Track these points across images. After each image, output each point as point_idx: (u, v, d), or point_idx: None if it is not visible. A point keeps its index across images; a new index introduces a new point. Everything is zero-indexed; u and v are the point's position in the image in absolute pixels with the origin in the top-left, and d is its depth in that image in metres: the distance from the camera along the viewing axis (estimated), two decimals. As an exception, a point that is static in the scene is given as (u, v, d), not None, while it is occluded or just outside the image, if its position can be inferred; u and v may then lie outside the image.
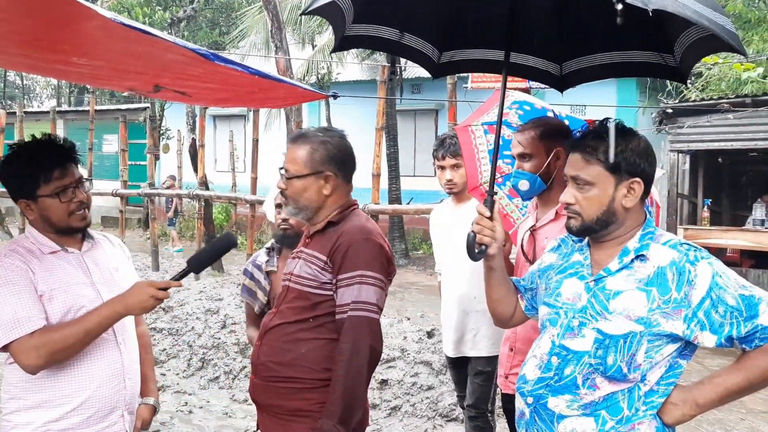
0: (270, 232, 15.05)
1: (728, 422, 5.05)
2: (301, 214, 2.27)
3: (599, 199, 1.82)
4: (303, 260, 2.23)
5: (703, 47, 2.09)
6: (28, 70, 2.63)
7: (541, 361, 1.89)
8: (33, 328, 2.00)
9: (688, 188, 9.42)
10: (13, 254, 2.08)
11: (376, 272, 2.14)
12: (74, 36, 1.90)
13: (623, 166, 1.80)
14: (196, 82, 2.41)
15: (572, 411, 1.81)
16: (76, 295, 2.11)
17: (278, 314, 2.26)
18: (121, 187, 9.75)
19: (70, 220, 2.15)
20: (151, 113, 10.32)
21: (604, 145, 1.80)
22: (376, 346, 2.13)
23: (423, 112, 15.07)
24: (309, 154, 2.21)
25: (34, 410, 2.07)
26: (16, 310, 1.99)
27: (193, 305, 6.64)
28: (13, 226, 13.67)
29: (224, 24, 18.81)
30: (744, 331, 1.68)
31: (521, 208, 3.08)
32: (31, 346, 1.98)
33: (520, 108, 2.97)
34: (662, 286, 1.75)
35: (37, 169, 2.10)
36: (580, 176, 1.83)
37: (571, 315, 1.86)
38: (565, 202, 1.87)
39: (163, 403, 5.17)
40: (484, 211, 2.06)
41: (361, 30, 2.42)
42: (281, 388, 2.19)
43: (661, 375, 1.78)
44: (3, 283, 2.02)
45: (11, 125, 12.48)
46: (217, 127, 17.81)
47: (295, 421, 2.17)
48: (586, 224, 1.84)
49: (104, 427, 2.15)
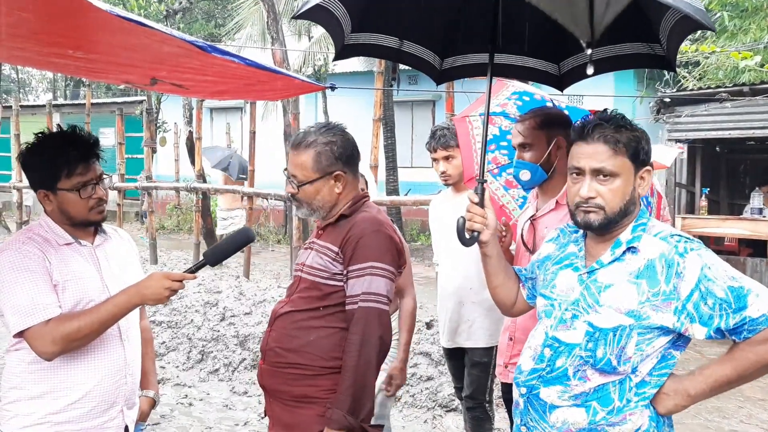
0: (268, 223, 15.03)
1: (727, 410, 5.07)
2: (317, 214, 2.29)
3: (623, 190, 1.79)
4: (315, 251, 2.25)
5: (680, 30, 2.14)
6: (24, 63, 2.62)
7: (535, 353, 1.91)
8: (50, 315, 2.00)
9: (686, 177, 9.41)
10: (30, 242, 2.08)
11: (386, 264, 2.16)
12: (70, 29, 1.89)
13: (641, 154, 1.81)
14: (194, 74, 2.40)
15: (563, 402, 1.83)
16: (86, 288, 2.12)
17: (289, 303, 2.29)
18: (118, 180, 9.74)
19: (88, 215, 2.16)
20: (147, 106, 10.28)
21: (626, 134, 1.79)
22: (386, 337, 2.16)
23: (420, 103, 15.04)
24: (315, 159, 2.22)
25: (35, 401, 2.07)
26: (33, 297, 2.00)
27: (192, 298, 6.64)
28: (10, 221, 13.64)
29: (220, 16, 18.72)
30: (733, 323, 1.67)
31: (517, 199, 3.08)
32: (47, 333, 1.99)
33: (519, 99, 2.98)
34: (652, 279, 1.74)
35: (62, 162, 2.09)
36: (606, 168, 1.78)
37: (565, 307, 1.87)
38: (586, 197, 1.80)
39: (163, 396, 5.20)
40: (474, 198, 2.09)
41: (361, 39, 2.47)
42: (288, 374, 2.21)
43: (653, 366, 1.78)
44: (22, 270, 2.02)
45: (7, 119, 12.43)
46: (213, 119, 17.77)
47: (301, 407, 2.20)
48: (608, 217, 1.80)
49: (104, 422, 2.15)
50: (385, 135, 11.76)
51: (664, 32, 2.19)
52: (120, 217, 9.81)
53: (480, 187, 2.14)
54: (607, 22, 1.16)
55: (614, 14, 1.12)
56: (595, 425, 1.78)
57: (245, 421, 4.76)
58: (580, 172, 1.82)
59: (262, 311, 6.16)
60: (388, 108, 11.80)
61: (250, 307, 6.34)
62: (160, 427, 4.65)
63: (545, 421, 1.86)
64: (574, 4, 1.10)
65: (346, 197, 2.28)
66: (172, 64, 2.29)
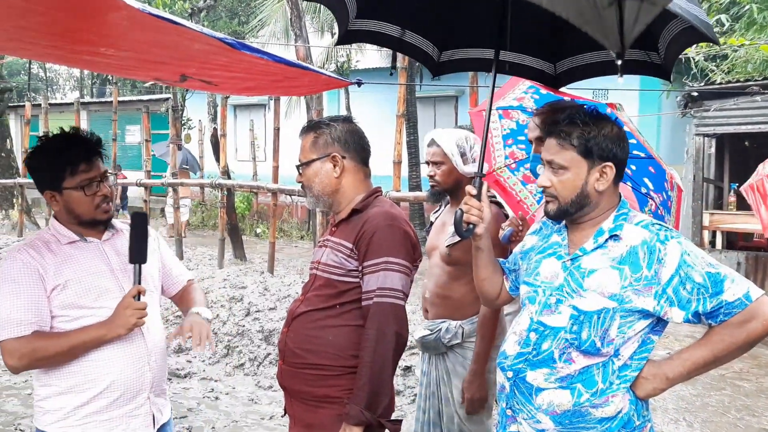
0: (291, 219, 15.10)
1: (756, 408, 5.00)
2: (320, 202, 2.30)
3: (573, 183, 1.88)
4: (330, 248, 2.25)
5: (682, 41, 2.15)
6: (56, 61, 2.67)
7: (520, 337, 1.97)
8: (21, 333, 2.07)
9: (713, 172, 9.27)
10: (27, 250, 2.14)
11: (401, 258, 2.15)
12: (102, 26, 1.92)
13: (595, 150, 1.86)
14: (222, 71, 2.43)
15: (549, 384, 1.89)
16: (92, 283, 2.17)
17: (305, 301, 2.28)
18: (144, 177, 9.85)
19: (95, 213, 2.20)
20: (173, 103, 10.36)
21: (577, 130, 1.86)
22: (402, 332, 2.14)
23: (443, 99, 14.98)
24: (313, 141, 2.28)
25: (64, 395, 2.14)
26: (11, 311, 2.07)
27: (217, 293, 6.71)
28: (39, 217, 13.89)
29: (243, 13, 18.83)
30: (710, 307, 1.76)
31: (535, 194, 3.06)
32: (15, 349, 2.06)
33: (536, 92, 2.95)
34: (634, 265, 1.82)
35: (65, 161, 2.14)
36: (555, 160, 1.89)
37: (549, 293, 1.94)
38: (541, 186, 1.94)
39: (189, 390, 5.27)
40: (471, 191, 2.12)
41: (363, 25, 2.46)
42: (309, 375, 2.21)
43: (635, 350, 1.86)
44: (7, 281, 2.09)
45: (36, 117, 12.64)
46: (237, 116, 17.88)
47: (322, 407, 2.19)
48: (562, 207, 1.91)
49: (131, 410, 2.21)
50: (408, 131, 11.75)
51: (664, 41, 2.21)
52: (146, 213, 9.91)
53: (478, 180, 2.17)
54: (636, 34, 1.17)
55: (644, 25, 1.13)
56: (580, 407, 1.86)
57: (270, 415, 4.81)
58: (544, 164, 1.94)
59: (287, 306, 6.20)
60: (411, 104, 11.77)
61: (274, 303, 6.39)
62: (188, 420, 4.71)
63: (531, 404, 1.92)
64: (604, 17, 1.11)
65: (353, 187, 2.28)
66: (202, 61, 2.32)
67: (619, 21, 1.11)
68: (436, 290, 2.91)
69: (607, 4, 1.08)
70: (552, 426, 1.89)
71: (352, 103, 14.08)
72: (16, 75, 30.93)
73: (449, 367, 2.84)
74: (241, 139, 17.28)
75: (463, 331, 2.79)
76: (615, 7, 1.09)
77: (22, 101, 18.01)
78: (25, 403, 4.97)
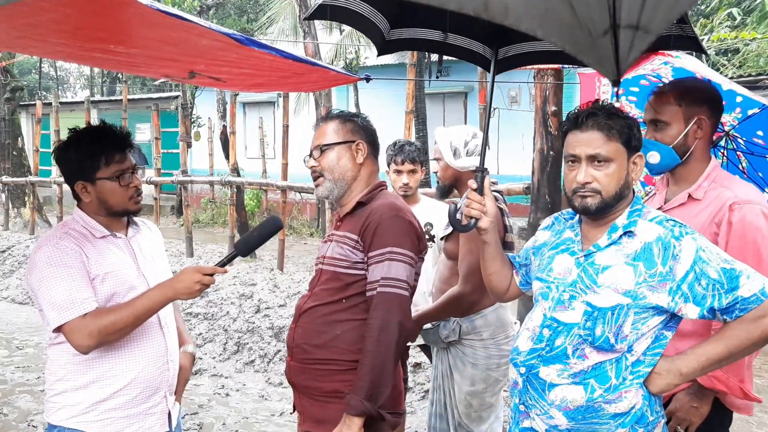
0: (300, 216, 15.14)
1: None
2: (337, 187, 2.27)
3: (618, 175, 1.86)
4: (335, 242, 2.25)
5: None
6: (66, 59, 2.68)
7: (533, 333, 1.96)
8: (86, 309, 2.05)
9: (725, 168, 9.20)
10: (67, 237, 2.13)
11: (405, 249, 2.14)
12: (112, 23, 1.93)
13: (633, 140, 1.87)
14: (231, 67, 2.43)
15: (562, 380, 1.89)
16: (124, 279, 2.17)
17: (312, 297, 2.28)
18: (154, 174, 9.89)
19: (127, 204, 2.21)
20: (182, 101, 10.39)
21: (619, 122, 1.85)
22: (405, 322, 2.12)
23: (452, 95, 14.95)
24: (339, 125, 2.28)
25: (82, 390, 2.13)
26: (71, 292, 2.05)
27: (227, 290, 6.74)
28: (51, 215, 13.98)
29: (252, 11, 18.87)
30: (725, 303, 1.75)
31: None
32: (84, 327, 2.03)
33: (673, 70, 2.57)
34: (648, 261, 1.82)
35: (99, 152, 2.15)
36: (601, 153, 1.85)
37: (562, 289, 1.93)
38: (582, 182, 1.87)
39: (200, 386, 5.29)
40: (473, 185, 2.10)
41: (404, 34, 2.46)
42: (317, 370, 2.20)
43: (648, 346, 1.85)
44: (59, 265, 2.07)
45: (47, 116, 12.73)
46: (246, 114, 17.93)
47: (331, 402, 2.18)
48: (605, 200, 1.87)
49: (148, 407, 2.21)
50: (417, 127, 11.73)
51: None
52: (157, 211, 9.97)
53: (480, 175, 2.15)
54: (632, 61, 1.17)
55: (639, 52, 1.13)
56: (593, 402, 1.85)
57: (281, 412, 4.82)
58: (575, 160, 1.89)
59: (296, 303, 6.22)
60: (420, 100, 11.76)
61: (284, 299, 6.40)
62: (198, 416, 4.73)
63: (544, 400, 1.92)
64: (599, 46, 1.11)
65: (367, 178, 2.29)
66: (210, 58, 2.32)
67: (614, 49, 1.11)
68: (438, 284, 2.91)
69: (602, 33, 1.08)
70: (565, 422, 1.88)
71: (361, 100, 14.08)
72: (27, 74, 31.15)
73: (451, 362, 2.83)
74: (250, 136, 17.34)
75: (461, 329, 2.77)
76: (610, 35, 1.09)
77: (33, 100, 18.16)
78: (38, 399, 5.00)
